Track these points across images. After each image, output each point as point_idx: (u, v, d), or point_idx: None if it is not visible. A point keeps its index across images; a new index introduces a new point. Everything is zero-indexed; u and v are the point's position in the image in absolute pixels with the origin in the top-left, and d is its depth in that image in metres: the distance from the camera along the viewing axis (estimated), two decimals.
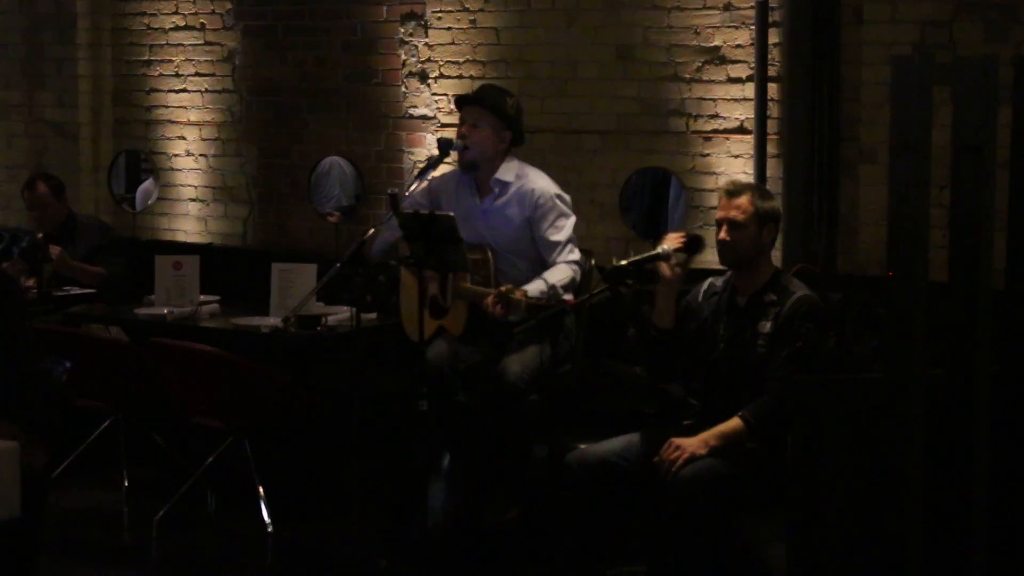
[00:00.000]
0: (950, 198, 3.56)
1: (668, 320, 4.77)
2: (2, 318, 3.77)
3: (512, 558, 5.42)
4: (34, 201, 7.25)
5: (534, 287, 5.33)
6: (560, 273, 5.47)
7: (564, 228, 5.61)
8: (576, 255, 5.59)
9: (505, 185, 5.66)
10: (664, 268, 4.70)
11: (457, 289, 5.54)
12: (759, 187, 5.10)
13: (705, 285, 4.95)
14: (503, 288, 5.21)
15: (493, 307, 5.22)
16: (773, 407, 4.55)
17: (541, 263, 5.61)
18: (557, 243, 5.58)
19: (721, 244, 4.77)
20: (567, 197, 5.70)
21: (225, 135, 7.91)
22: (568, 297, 5.38)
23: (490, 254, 5.61)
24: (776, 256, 5.11)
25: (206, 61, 7.92)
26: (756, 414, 4.58)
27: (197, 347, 5.83)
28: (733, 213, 4.74)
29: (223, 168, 7.94)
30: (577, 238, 5.66)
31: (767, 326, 4.69)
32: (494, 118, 5.65)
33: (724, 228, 4.76)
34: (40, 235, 7.05)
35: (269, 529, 5.76)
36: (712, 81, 6.48)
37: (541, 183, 5.66)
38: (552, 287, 5.37)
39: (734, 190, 4.80)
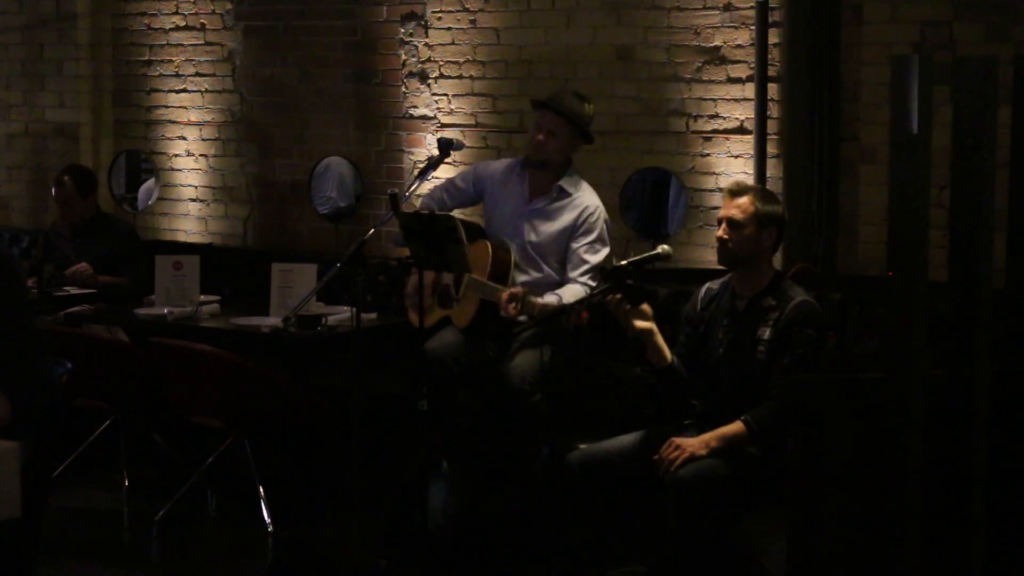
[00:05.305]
0: (950, 198, 3.57)
1: (662, 359, 4.77)
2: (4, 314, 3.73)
3: (512, 558, 5.41)
4: (58, 195, 7.25)
5: (548, 299, 5.35)
6: (575, 294, 5.46)
7: (599, 253, 5.68)
8: (592, 284, 5.58)
9: (566, 194, 5.74)
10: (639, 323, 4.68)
11: (472, 281, 5.54)
12: (765, 190, 5.08)
13: (702, 292, 4.94)
14: (520, 290, 5.22)
15: (506, 305, 5.22)
16: (776, 413, 4.54)
17: (556, 277, 5.65)
18: (585, 263, 5.63)
19: (719, 242, 4.80)
20: (610, 224, 5.80)
21: (225, 135, 7.90)
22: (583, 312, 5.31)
23: (513, 255, 5.62)
24: (776, 256, 5.09)
25: (206, 61, 7.91)
26: (759, 420, 4.58)
27: (197, 347, 5.83)
28: (732, 212, 4.76)
29: (223, 168, 7.93)
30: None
31: (767, 332, 4.68)
32: (571, 127, 5.72)
33: (723, 226, 4.78)
34: (41, 236, 7.04)
35: (269, 529, 5.76)
36: (712, 81, 6.47)
37: (597, 201, 5.77)
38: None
39: (737, 190, 4.82)
